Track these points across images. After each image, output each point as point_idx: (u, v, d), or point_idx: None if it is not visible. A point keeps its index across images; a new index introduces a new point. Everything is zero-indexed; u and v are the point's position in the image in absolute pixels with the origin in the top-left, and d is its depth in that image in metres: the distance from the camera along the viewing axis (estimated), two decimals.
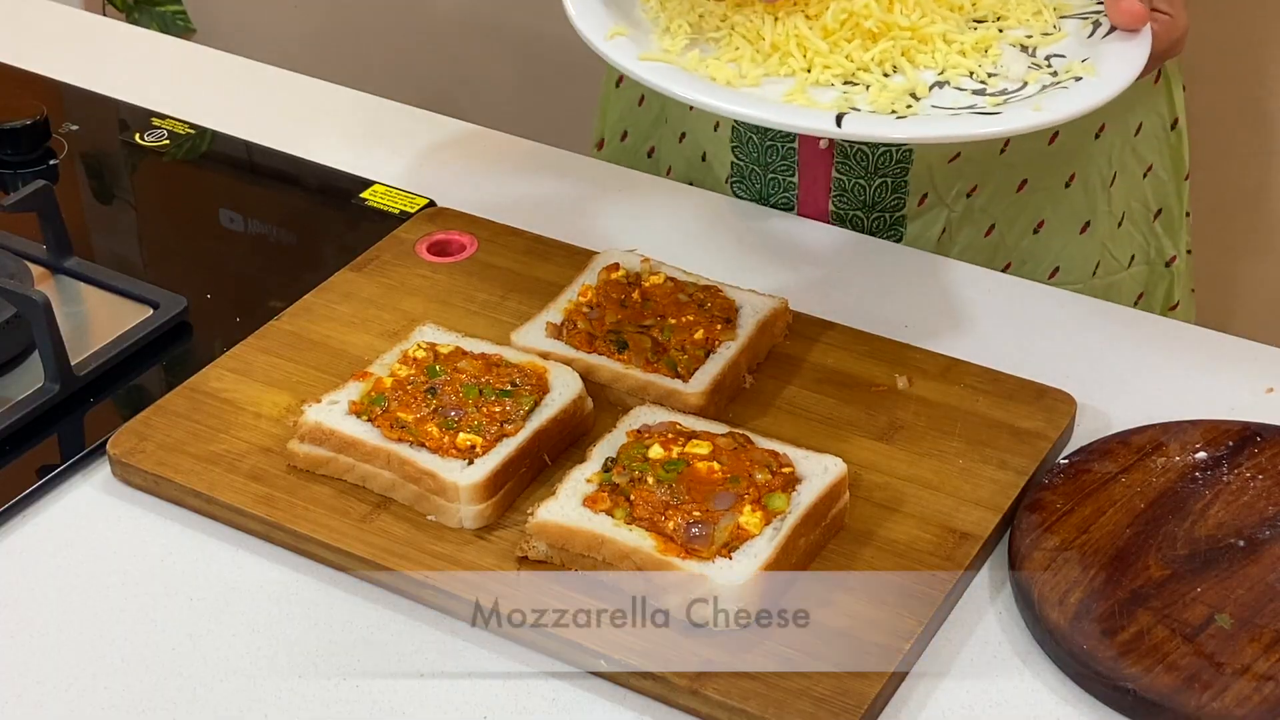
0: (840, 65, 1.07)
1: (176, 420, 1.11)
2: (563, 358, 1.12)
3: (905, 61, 1.08)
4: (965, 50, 1.10)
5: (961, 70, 1.09)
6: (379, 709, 0.94)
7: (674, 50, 1.07)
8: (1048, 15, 1.14)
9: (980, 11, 1.14)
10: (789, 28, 1.07)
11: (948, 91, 1.07)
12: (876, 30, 1.08)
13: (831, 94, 1.06)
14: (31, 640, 0.99)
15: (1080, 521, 1.02)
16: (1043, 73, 1.08)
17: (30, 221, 1.27)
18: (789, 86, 1.06)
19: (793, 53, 1.07)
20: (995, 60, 1.10)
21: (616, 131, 1.49)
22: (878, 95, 1.05)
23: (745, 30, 1.08)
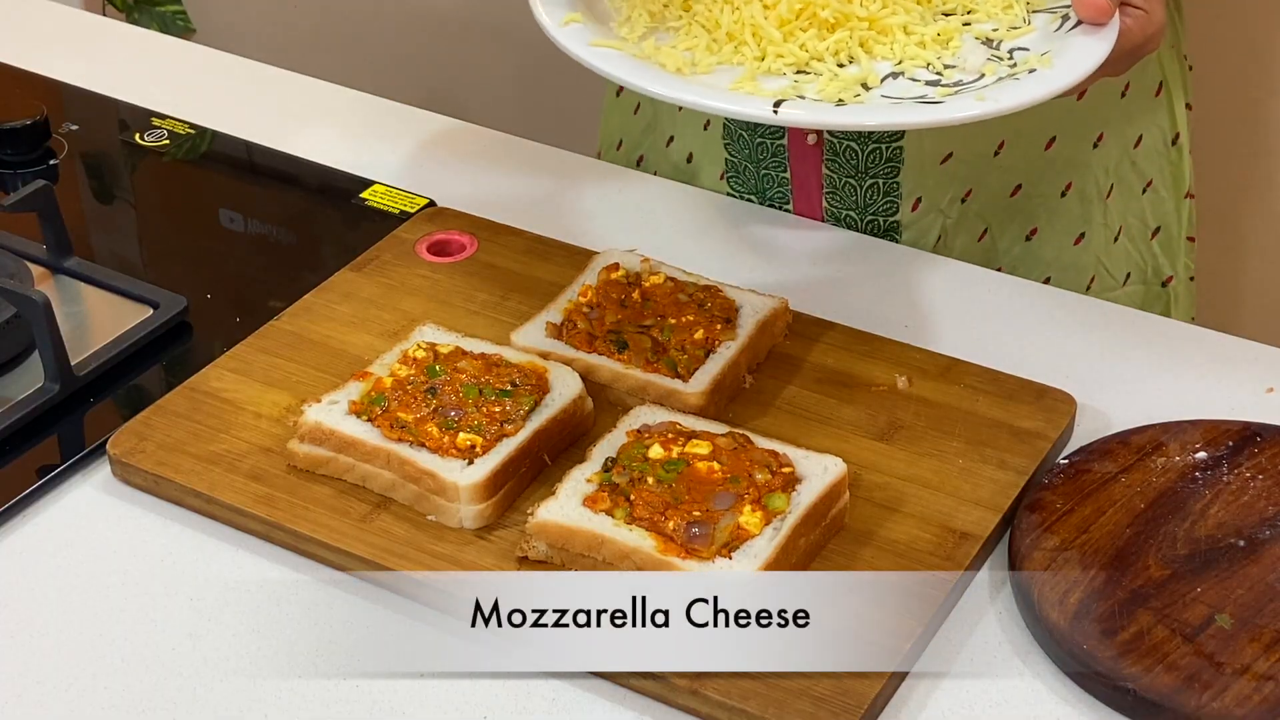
0: (793, 55, 1.06)
1: (176, 420, 1.11)
2: (563, 358, 1.12)
3: (861, 52, 1.07)
4: (925, 42, 1.08)
5: (919, 62, 1.07)
6: (379, 709, 0.94)
7: (631, 38, 1.07)
8: (1019, 9, 1.12)
9: (949, 4, 1.13)
10: (745, 16, 1.07)
11: (901, 82, 1.06)
12: (833, 20, 1.07)
13: (781, 83, 1.05)
14: (31, 640, 0.99)
15: (1080, 521, 1.02)
16: (1001, 65, 1.07)
17: (30, 221, 1.27)
18: (739, 74, 1.06)
19: (747, 41, 1.06)
20: (955, 52, 1.09)
21: (613, 141, 1.49)
22: (827, 85, 1.04)
23: (703, 19, 1.08)
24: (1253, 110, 1.99)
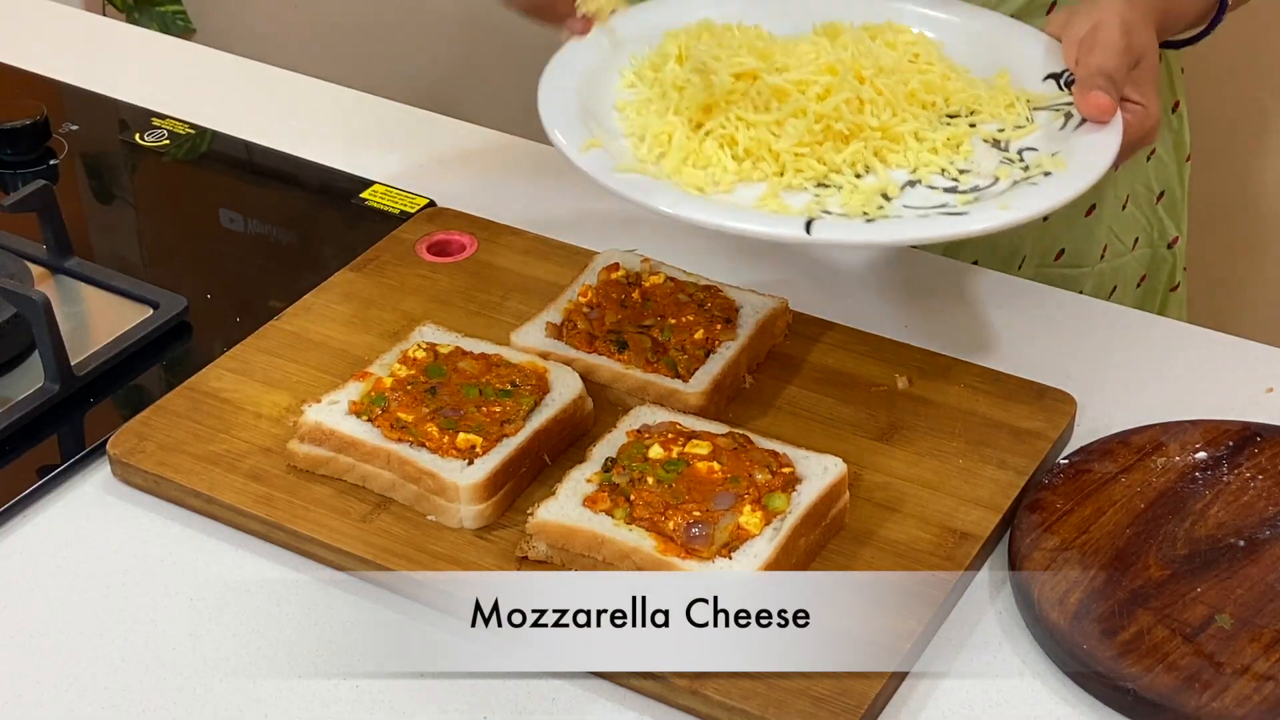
0: (812, 169, 1.07)
1: (176, 420, 1.11)
2: (563, 358, 1.12)
3: (877, 161, 1.09)
4: (936, 148, 1.10)
5: (933, 168, 1.09)
6: (379, 709, 0.94)
7: (649, 159, 1.08)
8: (1020, 108, 1.14)
9: (953, 107, 1.14)
10: (761, 135, 1.08)
11: (919, 190, 1.07)
12: (848, 131, 1.09)
13: (804, 197, 1.06)
14: (31, 640, 0.99)
15: (1080, 521, 1.02)
16: (1014, 167, 1.08)
17: (30, 221, 1.27)
18: (761, 191, 1.06)
19: (764, 157, 1.08)
20: (967, 156, 1.10)
21: None
22: (849, 197, 1.05)
23: (718, 137, 1.09)
24: (1252, 110, 1.99)
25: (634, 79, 1.16)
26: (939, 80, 1.14)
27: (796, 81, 1.09)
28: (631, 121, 1.12)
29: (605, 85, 1.15)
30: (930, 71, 1.15)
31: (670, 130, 1.09)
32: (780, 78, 1.09)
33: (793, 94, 1.09)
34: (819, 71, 1.09)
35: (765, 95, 1.09)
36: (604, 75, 1.16)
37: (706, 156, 1.07)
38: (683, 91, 1.11)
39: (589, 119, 1.11)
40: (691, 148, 1.08)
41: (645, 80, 1.15)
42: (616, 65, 1.17)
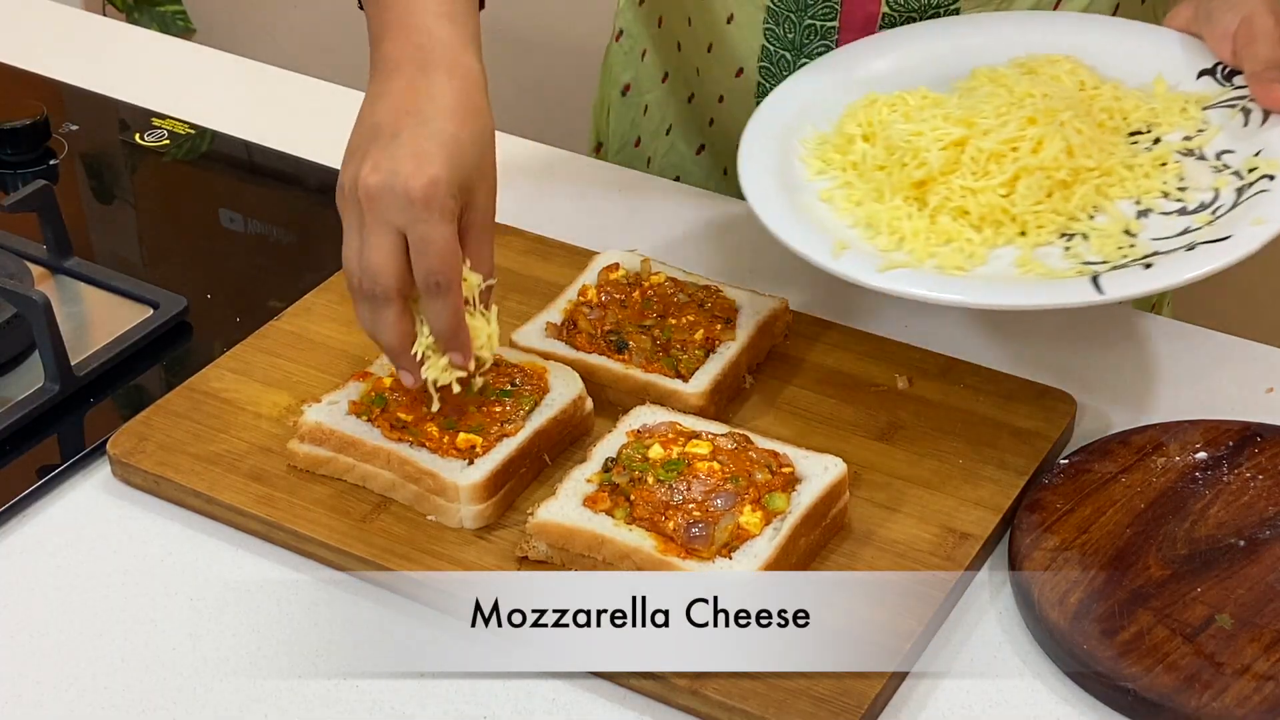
0: (1053, 223, 1.08)
1: (176, 420, 1.11)
2: (563, 358, 1.12)
3: (1104, 200, 1.10)
4: (1149, 172, 1.12)
5: (1154, 193, 1.10)
6: (379, 709, 0.94)
7: (890, 248, 1.08)
8: (1192, 110, 1.16)
9: (1133, 124, 1.15)
10: (991, 199, 1.09)
11: (1155, 220, 1.09)
12: (1069, 178, 1.10)
13: (1054, 251, 1.07)
14: (31, 640, 0.99)
15: (1080, 521, 1.02)
16: (1227, 175, 1.10)
17: (30, 221, 1.27)
18: (1012, 255, 1.07)
19: (1002, 221, 1.09)
20: (1178, 174, 1.12)
21: (626, 139, 1.49)
22: (1100, 242, 1.07)
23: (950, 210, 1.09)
24: None
25: (821, 165, 1.16)
26: (1113, 102, 1.16)
27: (1007, 141, 1.10)
28: (847, 211, 1.12)
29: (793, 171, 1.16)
30: (1101, 95, 1.16)
31: (897, 215, 1.09)
32: (991, 140, 1.10)
33: (1008, 154, 1.10)
34: (1022, 125, 1.10)
35: (981, 160, 1.10)
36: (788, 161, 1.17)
37: (946, 232, 1.08)
38: (889, 172, 1.12)
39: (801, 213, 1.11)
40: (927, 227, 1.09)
41: (834, 164, 1.16)
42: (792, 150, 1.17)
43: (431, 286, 0.98)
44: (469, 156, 0.99)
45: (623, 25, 1.47)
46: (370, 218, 0.98)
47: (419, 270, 0.98)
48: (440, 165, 0.97)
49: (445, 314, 0.99)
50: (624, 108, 1.48)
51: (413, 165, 0.97)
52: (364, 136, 1.01)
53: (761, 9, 1.29)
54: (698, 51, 1.37)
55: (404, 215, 0.97)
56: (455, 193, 0.98)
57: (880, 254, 1.08)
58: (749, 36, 1.31)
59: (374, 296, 0.99)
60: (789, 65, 1.29)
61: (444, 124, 0.99)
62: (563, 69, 2.42)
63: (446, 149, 0.98)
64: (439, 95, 1.00)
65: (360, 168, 0.99)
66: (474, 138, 1.00)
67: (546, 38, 2.45)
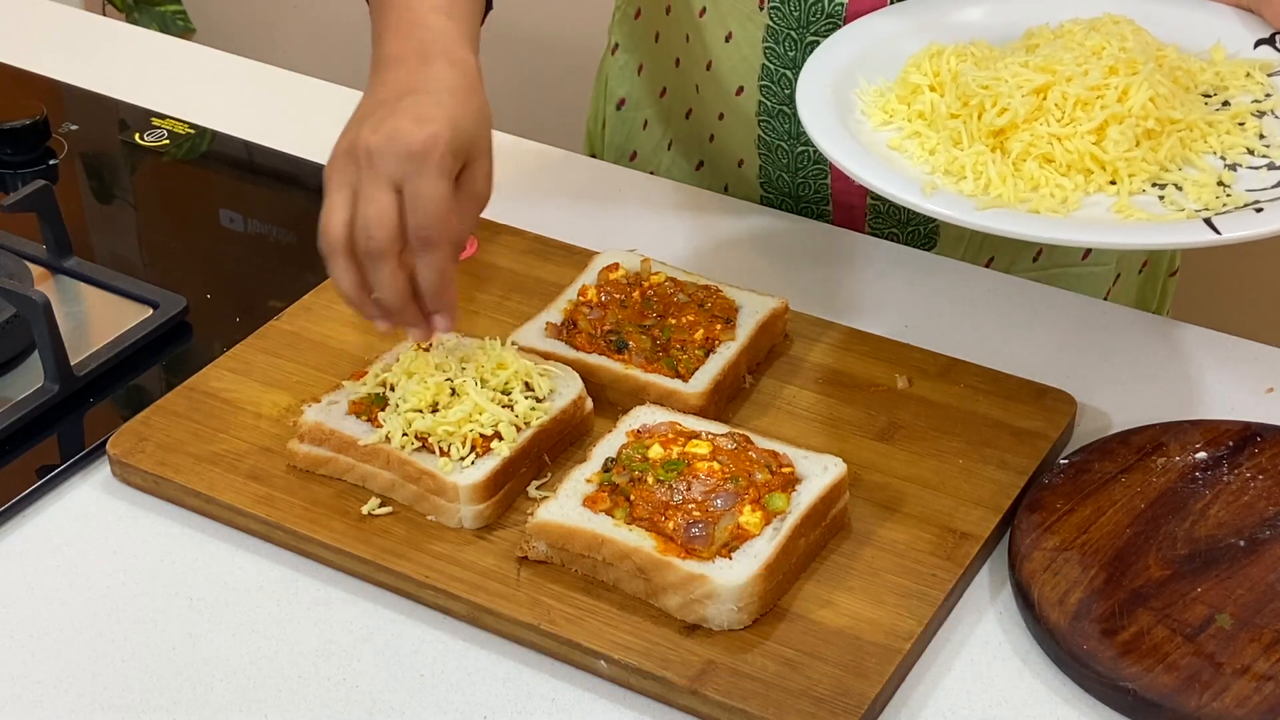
0: (1146, 171, 1.07)
1: (176, 420, 1.11)
2: (563, 358, 1.12)
3: (1190, 154, 1.09)
4: (1230, 129, 1.11)
5: (1239, 149, 1.10)
6: (379, 709, 0.94)
7: (978, 191, 1.07)
8: (1258, 75, 1.15)
9: (1202, 87, 1.15)
10: (1080, 144, 1.07)
11: (1245, 174, 1.08)
12: (1156, 128, 1.09)
13: (1148, 199, 1.06)
14: (31, 640, 0.99)
15: (1080, 521, 1.02)
16: None
17: (30, 221, 1.27)
18: (1106, 203, 1.06)
19: (1090, 169, 1.07)
20: (1257, 132, 1.11)
21: (623, 152, 1.49)
22: (1197, 191, 1.06)
23: (1036, 157, 1.08)
24: None
25: (884, 116, 1.15)
26: (1181, 63, 1.15)
27: (1094, 88, 1.08)
28: (924, 159, 1.10)
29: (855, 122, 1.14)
30: (1166, 57, 1.16)
31: (982, 161, 1.08)
32: (1077, 87, 1.08)
33: (1094, 101, 1.08)
34: (1105, 74, 1.09)
35: (1067, 107, 1.08)
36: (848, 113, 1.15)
37: (1033, 178, 1.07)
38: (964, 120, 1.10)
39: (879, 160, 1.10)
40: (1013, 173, 1.07)
41: (899, 115, 1.14)
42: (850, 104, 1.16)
43: (422, 240, 0.99)
44: (469, 127, 1.01)
45: (618, 39, 1.47)
46: (368, 175, 0.99)
47: (411, 223, 0.99)
48: (440, 125, 0.99)
49: (433, 270, 1.00)
50: (619, 122, 1.48)
51: (413, 123, 0.99)
52: (365, 111, 1.03)
53: (761, 27, 1.28)
54: (696, 69, 1.37)
55: (402, 168, 0.98)
56: (453, 153, 0.99)
57: (969, 199, 1.06)
58: (749, 55, 1.30)
59: (369, 253, 0.99)
60: (790, 83, 1.28)
61: (444, 96, 1.01)
62: (563, 69, 2.41)
63: (447, 114, 1.00)
64: (439, 78, 1.03)
65: (360, 130, 1.01)
66: (473, 114, 1.02)
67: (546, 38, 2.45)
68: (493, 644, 0.98)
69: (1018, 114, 1.08)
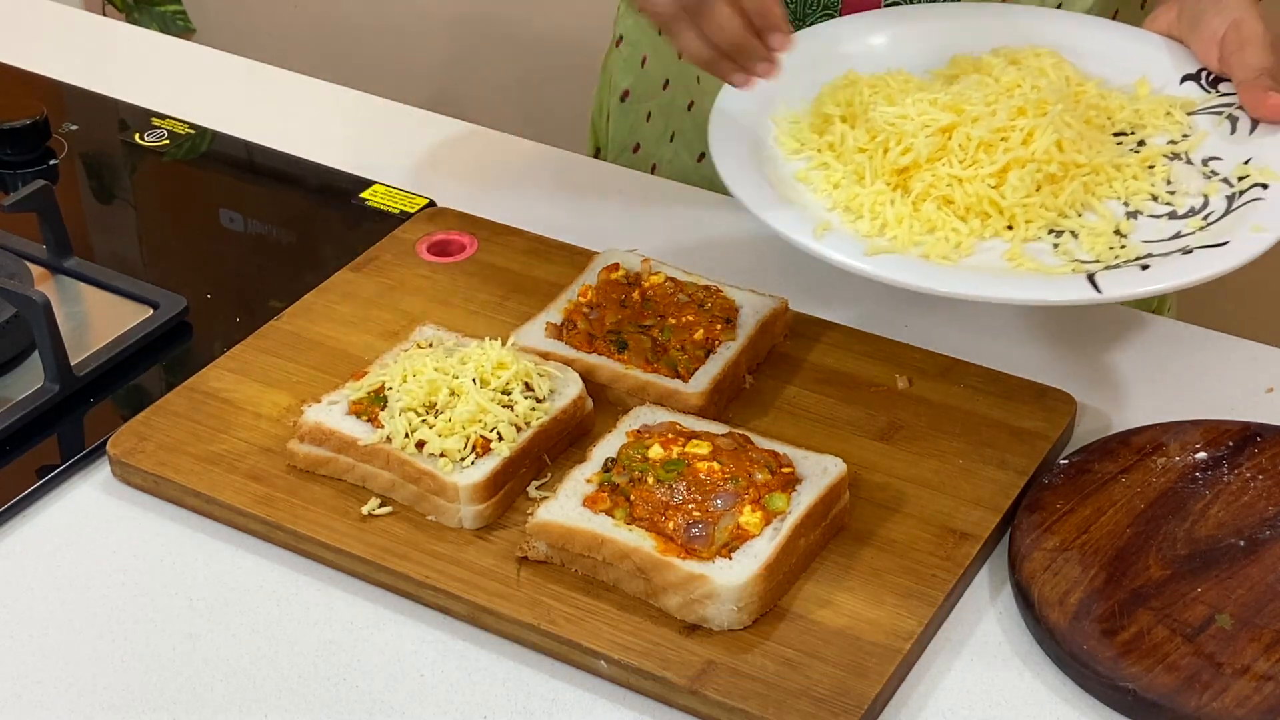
0: (1043, 218, 1.07)
1: (176, 420, 1.11)
2: (563, 358, 1.12)
3: (1092, 199, 1.09)
4: (1137, 174, 1.10)
5: (1143, 195, 1.09)
6: (379, 709, 0.94)
7: (873, 233, 1.07)
8: (1177, 115, 1.15)
9: (1118, 125, 1.14)
10: (980, 189, 1.07)
11: (1145, 222, 1.08)
12: (1060, 173, 1.08)
13: (1043, 247, 1.06)
14: (31, 640, 0.99)
15: (1080, 521, 1.02)
16: (1216, 181, 1.09)
17: (30, 221, 1.27)
18: (1000, 249, 1.06)
19: (989, 213, 1.07)
20: (1165, 178, 1.11)
21: (625, 144, 1.49)
22: (1091, 241, 1.06)
23: (935, 199, 1.08)
24: None
25: (796, 145, 1.15)
26: (1099, 100, 1.14)
27: (998, 130, 1.08)
28: (825, 193, 1.11)
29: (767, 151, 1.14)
30: (1086, 92, 1.15)
31: (880, 200, 1.08)
32: (981, 129, 1.08)
33: (998, 144, 1.08)
34: (1012, 115, 1.08)
35: (970, 149, 1.08)
36: (760, 137, 1.15)
37: (930, 220, 1.07)
38: (870, 155, 1.10)
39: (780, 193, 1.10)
40: (911, 214, 1.07)
41: (810, 144, 1.14)
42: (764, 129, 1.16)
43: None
44: None
45: (623, 31, 1.47)
46: None
47: None
48: None
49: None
50: (622, 113, 1.48)
51: None
52: None
53: None
54: None
55: None
56: None
57: (863, 239, 1.06)
58: None
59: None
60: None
61: None
62: (563, 69, 2.42)
63: None
64: None
65: None
66: None
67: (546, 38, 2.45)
68: (493, 644, 0.98)
69: (920, 154, 1.08)
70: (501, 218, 1.31)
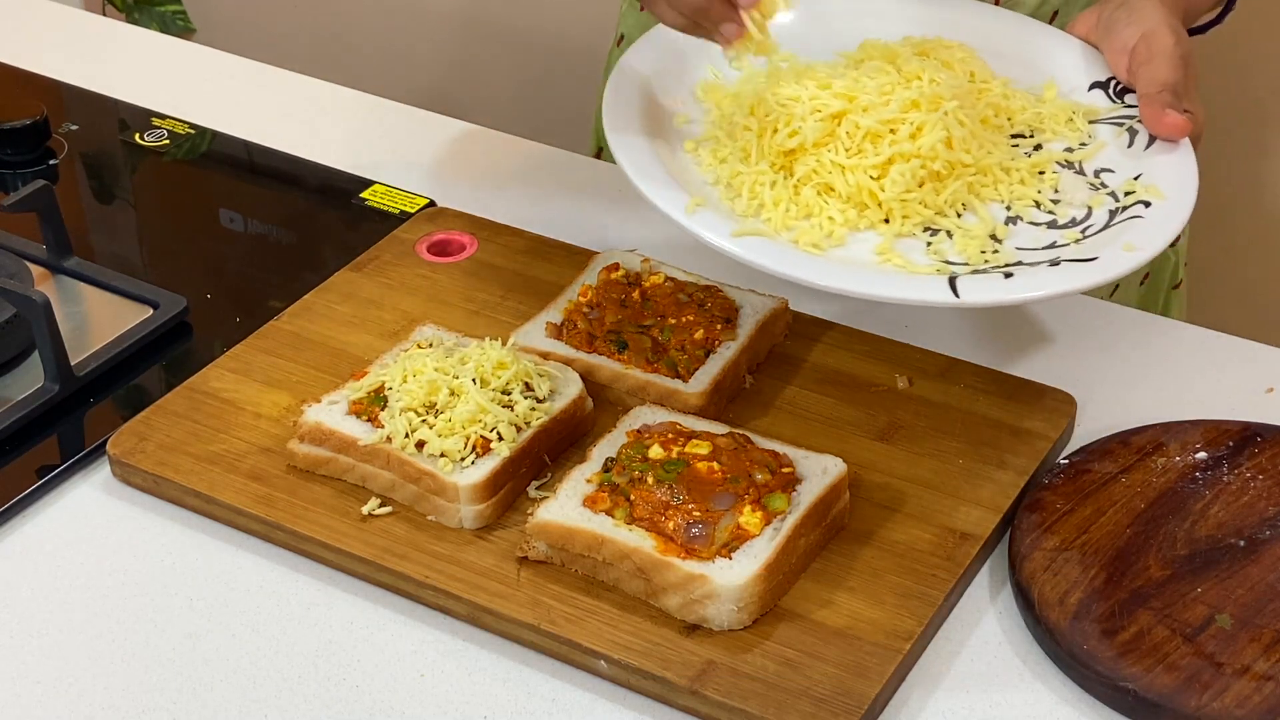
0: (920, 214, 1.06)
1: (176, 420, 1.11)
2: (563, 358, 1.12)
3: (974, 200, 1.08)
4: (1024, 178, 1.10)
5: (1026, 201, 1.08)
6: (379, 709, 0.94)
7: (748, 213, 1.06)
8: (1079, 122, 1.14)
9: (1017, 127, 1.13)
10: (860, 179, 1.06)
11: (1023, 229, 1.07)
12: (944, 171, 1.07)
13: (915, 244, 1.05)
14: (31, 640, 0.99)
15: (1080, 522, 1.02)
16: (1102, 194, 1.08)
17: (30, 221, 1.27)
18: (874, 242, 1.05)
19: (867, 204, 1.06)
20: (1053, 185, 1.10)
21: None
22: (964, 243, 1.05)
23: (815, 185, 1.07)
24: (1251, 110, 1.99)
25: (686, 116, 1.14)
26: (1001, 100, 1.13)
27: (887, 121, 1.07)
28: (710, 168, 1.10)
29: (662, 115, 1.13)
30: (989, 91, 1.14)
31: (760, 181, 1.07)
32: (870, 119, 1.07)
33: (885, 135, 1.07)
34: (904, 108, 1.07)
35: (856, 138, 1.07)
36: (658, 100, 1.14)
37: (807, 205, 1.06)
38: (758, 134, 1.09)
39: (660, 156, 1.09)
40: (789, 198, 1.06)
41: (709, 118, 1.13)
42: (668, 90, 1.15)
43: None
44: None
45: (624, 30, 1.47)
46: None
47: None
48: None
49: None
50: None
51: None
52: None
53: None
54: None
55: None
56: None
57: (737, 218, 1.05)
58: None
59: None
60: None
61: None
62: (563, 69, 2.41)
63: None
64: None
65: None
66: None
67: (546, 38, 2.45)
68: (493, 644, 0.98)
69: (807, 138, 1.07)
70: (501, 218, 1.31)
